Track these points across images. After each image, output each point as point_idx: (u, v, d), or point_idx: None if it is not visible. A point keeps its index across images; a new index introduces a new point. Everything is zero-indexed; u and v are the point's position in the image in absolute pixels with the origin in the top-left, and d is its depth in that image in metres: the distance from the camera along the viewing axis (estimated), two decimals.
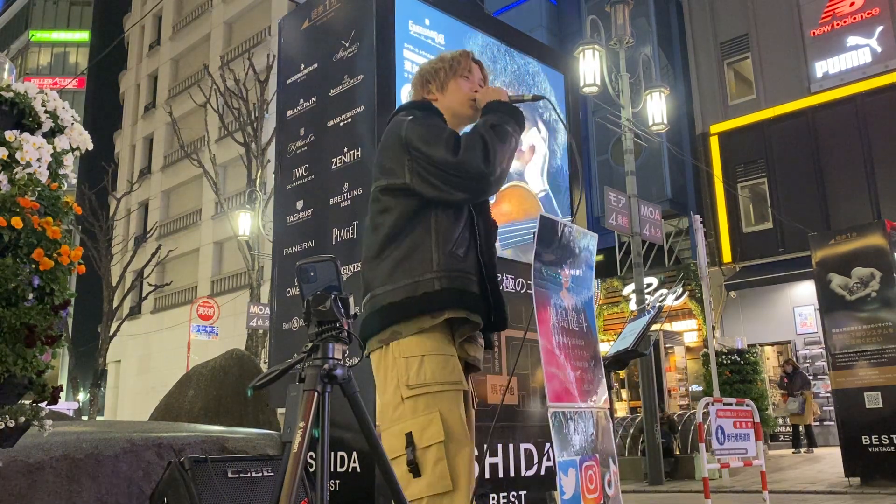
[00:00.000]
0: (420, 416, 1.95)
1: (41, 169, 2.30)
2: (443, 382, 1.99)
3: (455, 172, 2.03)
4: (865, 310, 7.81)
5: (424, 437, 1.93)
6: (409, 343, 2.02)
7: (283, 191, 4.44)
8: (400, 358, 2.01)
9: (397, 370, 2.01)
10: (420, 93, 2.35)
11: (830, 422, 14.27)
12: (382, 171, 2.14)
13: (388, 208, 2.11)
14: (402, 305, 2.03)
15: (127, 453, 3.23)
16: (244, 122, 18.53)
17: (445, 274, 2.05)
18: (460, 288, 2.06)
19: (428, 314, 2.02)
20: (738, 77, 17.96)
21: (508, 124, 2.14)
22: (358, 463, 3.60)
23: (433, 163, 2.04)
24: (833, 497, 7.08)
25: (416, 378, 1.98)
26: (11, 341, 2.09)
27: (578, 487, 2.82)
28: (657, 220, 11.02)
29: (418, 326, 2.02)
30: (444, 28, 4.43)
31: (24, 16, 47.84)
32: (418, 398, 1.97)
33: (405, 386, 1.98)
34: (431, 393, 1.97)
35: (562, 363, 2.96)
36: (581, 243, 3.25)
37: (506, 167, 2.11)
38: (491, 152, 2.03)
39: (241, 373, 6.25)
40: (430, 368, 1.99)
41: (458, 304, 2.05)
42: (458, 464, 1.95)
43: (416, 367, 1.99)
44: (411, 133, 2.09)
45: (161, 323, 28.82)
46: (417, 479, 1.91)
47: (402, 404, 1.98)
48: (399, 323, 2.03)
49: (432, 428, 1.94)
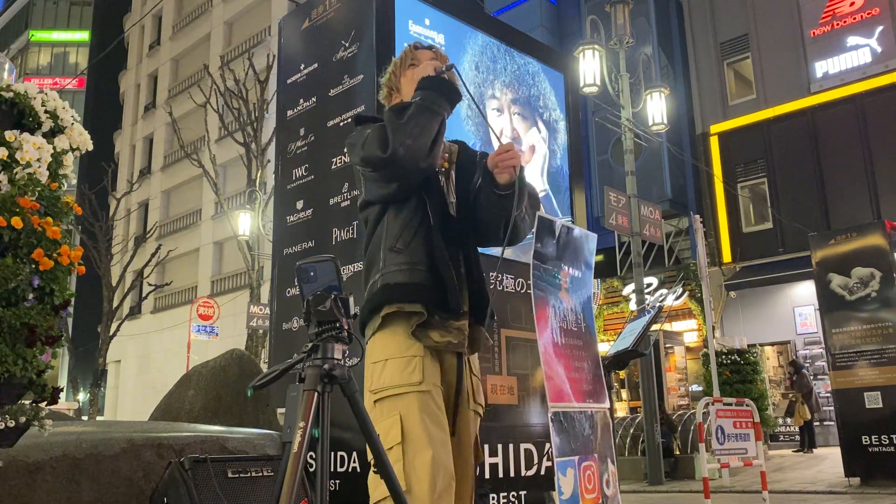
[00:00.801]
0: (384, 418, 2.02)
1: (41, 169, 2.30)
2: (401, 385, 2.04)
3: (368, 169, 2.12)
4: (865, 310, 7.81)
5: (387, 440, 1.99)
6: (373, 348, 2.12)
7: (283, 191, 4.44)
8: (369, 363, 2.11)
9: (368, 375, 2.11)
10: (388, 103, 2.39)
11: (830, 422, 14.27)
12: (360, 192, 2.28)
13: (364, 221, 2.26)
14: (363, 311, 2.15)
15: (127, 453, 3.23)
16: (244, 122, 18.53)
17: (385, 272, 2.13)
18: (395, 282, 2.11)
19: (374, 314, 2.12)
20: (738, 77, 17.96)
21: (426, 98, 2.13)
22: (358, 463, 3.61)
23: (360, 168, 2.16)
24: (833, 497, 7.08)
25: (378, 382, 2.07)
26: (11, 341, 2.09)
27: (577, 487, 2.82)
28: (657, 220, 11.02)
29: (371, 329, 2.13)
30: (444, 28, 4.43)
31: (24, 16, 47.82)
32: (382, 402, 2.05)
33: (369, 391, 2.08)
34: (391, 396, 2.04)
35: (560, 363, 2.96)
36: (580, 243, 3.25)
37: (418, 142, 2.06)
38: (388, 136, 2.06)
39: (241, 373, 6.24)
40: (390, 372, 2.06)
41: (391, 298, 2.10)
42: (416, 465, 1.97)
43: (378, 371, 2.08)
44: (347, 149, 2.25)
45: (161, 323, 28.81)
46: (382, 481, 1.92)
47: (374, 408, 2.06)
48: (364, 328, 2.17)
49: (392, 430, 2.00)
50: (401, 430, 1.99)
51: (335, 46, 4.25)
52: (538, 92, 4.97)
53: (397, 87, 2.36)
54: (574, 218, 5.01)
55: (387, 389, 2.04)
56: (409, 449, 1.98)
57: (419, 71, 2.26)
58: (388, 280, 2.11)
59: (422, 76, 2.21)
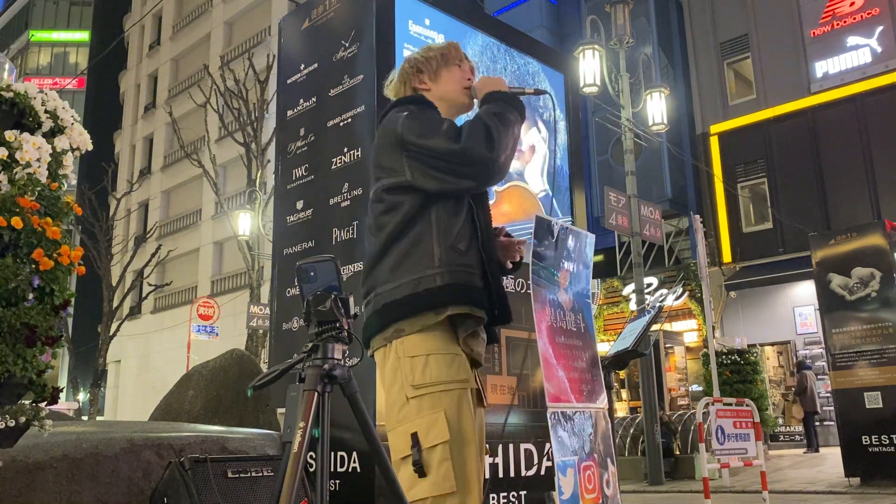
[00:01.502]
0: (425, 415, 1.92)
1: (41, 169, 2.30)
2: (448, 381, 1.96)
3: (459, 160, 2.00)
4: (865, 310, 7.81)
5: (429, 437, 1.90)
6: (413, 341, 1.98)
7: (283, 191, 4.44)
8: (405, 357, 1.98)
9: (402, 370, 1.98)
10: (411, 82, 2.30)
11: (830, 422, 14.27)
12: (382, 171, 2.11)
13: (392, 208, 2.07)
14: (405, 302, 2.00)
15: (127, 453, 3.23)
16: (244, 122, 18.53)
17: (447, 269, 2.02)
18: (463, 283, 2.03)
19: (431, 311, 1.99)
20: (738, 77, 17.96)
21: (510, 112, 2.11)
22: (358, 463, 3.61)
23: (435, 154, 2.01)
24: (833, 497, 7.08)
25: (421, 378, 1.95)
26: (11, 341, 2.09)
27: (577, 487, 2.82)
28: (657, 220, 11.01)
29: (421, 324, 1.99)
30: (444, 28, 4.43)
31: (24, 16, 47.83)
32: (423, 398, 1.94)
33: (410, 386, 1.96)
34: (436, 392, 1.94)
35: (560, 363, 2.96)
36: (578, 243, 3.25)
37: (510, 154, 2.07)
38: (494, 138, 2.00)
39: (241, 373, 6.24)
40: (436, 367, 1.96)
41: (460, 299, 2.02)
42: (464, 464, 1.92)
43: (420, 366, 1.96)
44: (407, 129, 2.06)
45: (161, 323, 28.81)
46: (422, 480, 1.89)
47: (407, 404, 1.95)
48: (402, 320, 2.00)
49: (437, 428, 1.91)
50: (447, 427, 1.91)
51: (335, 46, 4.25)
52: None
53: (433, 74, 2.27)
54: (574, 218, 5.01)
55: (432, 385, 1.94)
56: (456, 448, 1.91)
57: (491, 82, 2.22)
58: (456, 280, 2.02)
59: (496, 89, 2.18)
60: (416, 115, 2.11)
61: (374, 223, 2.12)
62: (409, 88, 2.30)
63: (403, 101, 2.23)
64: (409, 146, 2.04)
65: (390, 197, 2.08)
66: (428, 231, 2.05)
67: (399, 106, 2.20)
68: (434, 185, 2.03)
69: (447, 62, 2.29)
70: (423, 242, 2.04)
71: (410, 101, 2.22)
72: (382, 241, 2.08)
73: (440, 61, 2.29)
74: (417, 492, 1.89)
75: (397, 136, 2.07)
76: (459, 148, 1.99)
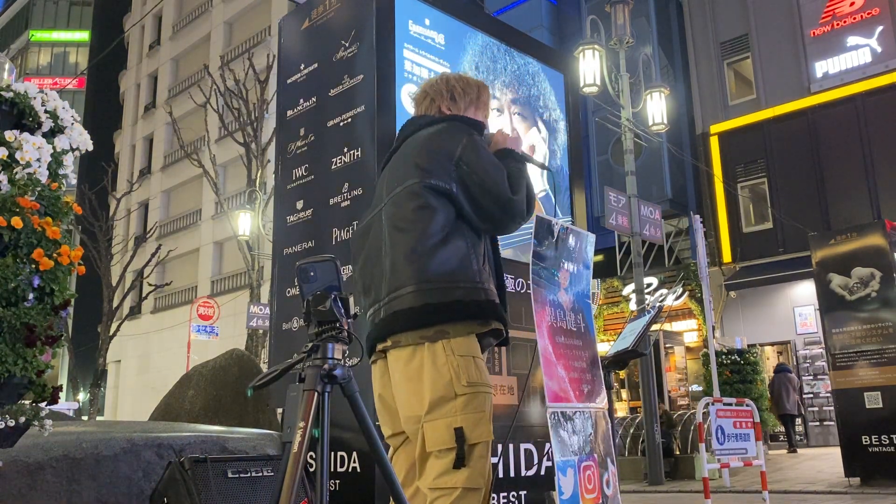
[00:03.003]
0: (472, 413, 2.03)
1: (41, 169, 2.30)
2: (488, 385, 2.11)
3: (508, 209, 2.18)
4: (865, 310, 7.81)
5: (475, 434, 2.02)
6: (461, 343, 2.09)
7: (283, 191, 4.44)
8: (455, 356, 2.07)
9: (451, 366, 2.06)
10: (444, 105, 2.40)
11: (830, 422, 14.27)
12: (424, 171, 2.19)
13: (430, 207, 2.14)
14: (453, 307, 2.08)
15: (127, 453, 3.23)
16: (244, 122, 18.53)
17: (485, 286, 2.16)
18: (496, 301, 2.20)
19: (476, 320, 2.12)
20: (738, 77, 17.96)
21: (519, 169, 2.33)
22: (358, 463, 3.61)
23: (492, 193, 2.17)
24: (833, 497, 7.08)
25: (475, 376, 2.07)
26: (11, 341, 2.09)
27: (577, 487, 2.82)
28: (657, 220, 11.01)
29: (468, 330, 2.11)
30: (444, 28, 4.43)
31: (24, 16, 47.82)
32: (474, 396, 2.05)
33: (463, 383, 2.05)
34: (484, 393, 2.08)
35: (560, 363, 2.96)
36: (578, 243, 3.25)
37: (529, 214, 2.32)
38: (529, 198, 2.23)
39: (241, 373, 6.25)
40: (483, 370, 2.11)
41: (500, 316, 2.18)
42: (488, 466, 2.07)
43: (472, 366, 2.08)
44: (472, 155, 2.20)
45: (161, 323, 28.81)
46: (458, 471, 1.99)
47: (455, 400, 2.04)
48: (447, 323, 2.08)
49: (482, 426, 2.04)
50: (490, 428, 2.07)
51: (335, 46, 4.25)
52: (538, 92, 4.97)
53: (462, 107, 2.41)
54: (574, 218, 5.01)
55: (481, 385, 2.08)
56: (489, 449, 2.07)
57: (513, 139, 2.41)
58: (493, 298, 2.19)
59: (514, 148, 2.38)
60: (480, 145, 2.26)
61: (412, 214, 2.15)
62: (436, 108, 2.41)
63: (461, 119, 2.36)
64: (464, 167, 2.18)
65: (430, 196, 2.15)
66: (466, 246, 2.17)
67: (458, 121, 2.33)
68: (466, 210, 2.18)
69: (477, 106, 2.45)
70: (465, 256, 2.16)
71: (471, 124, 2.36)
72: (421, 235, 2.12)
73: (473, 100, 2.45)
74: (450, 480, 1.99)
75: (456, 154, 2.20)
76: (512, 199, 2.18)
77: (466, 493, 1.97)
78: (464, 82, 2.44)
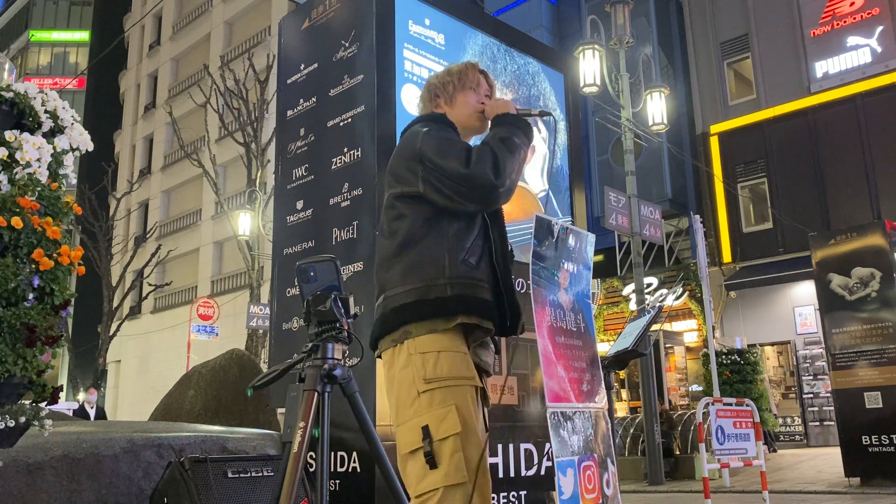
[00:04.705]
0: (436, 409, 1.99)
1: (41, 169, 2.30)
2: (458, 377, 2.04)
3: (466, 184, 2.09)
4: (865, 310, 7.81)
5: (441, 430, 1.97)
6: (424, 340, 2.07)
7: (283, 191, 4.44)
8: (416, 354, 2.05)
9: (413, 366, 2.05)
10: (429, 106, 2.41)
11: (830, 422, 14.27)
12: (397, 179, 2.20)
13: (403, 215, 2.17)
14: (414, 307, 2.08)
15: (127, 453, 3.23)
16: (244, 122, 18.53)
17: (457, 281, 2.11)
18: (471, 295, 2.12)
19: (441, 318, 2.08)
20: (738, 77, 17.96)
21: (517, 136, 2.22)
22: (358, 463, 3.61)
23: (446, 174, 2.10)
24: (833, 497, 7.08)
25: (432, 372, 2.03)
26: (11, 341, 2.09)
27: (577, 487, 2.82)
28: (657, 220, 11.01)
29: (430, 328, 2.07)
30: (444, 28, 4.43)
31: (24, 16, 47.82)
32: (434, 392, 2.01)
33: (422, 380, 2.02)
34: (447, 387, 2.02)
35: (560, 363, 2.96)
36: (578, 243, 3.25)
37: (515, 178, 2.17)
38: (500, 164, 2.10)
39: (241, 373, 6.24)
40: (447, 363, 2.04)
41: (469, 310, 2.11)
42: (474, 456, 1.99)
43: (432, 361, 2.04)
44: (425, 145, 2.16)
45: (161, 323, 28.81)
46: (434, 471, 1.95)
47: (419, 398, 2.02)
48: (411, 323, 2.08)
49: (449, 420, 1.98)
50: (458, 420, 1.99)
51: (335, 46, 4.25)
52: (538, 92, 4.97)
53: (451, 99, 2.37)
54: (574, 218, 5.01)
55: (443, 380, 2.02)
56: (466, 441, 1.99)
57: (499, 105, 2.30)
58: (466, 292, 2.11)
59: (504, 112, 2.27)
60: (434, 132, 2.21)
61: (387, 228, 2.21)
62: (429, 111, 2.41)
63: (426, 118, 2.33)
64: (426, 161, 2.14)
65: (402, 205, 2.18)
66: (439, 242, 2.14)
67: (421, 122, 2.31)
68: (441, 201, 2.13)
69: (463, 86, 2.38)
70: (435, 252, 2.13)
71: (432, 118, 2.32)
72: (394, 245, 2.16)
73: (457, 85, 2.38)
74: (429, 483, 1.95)
75: (416, 150, 2.17)
76: (468, 172, 2.08)
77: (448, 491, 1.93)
78: (441, 76, 2.42)
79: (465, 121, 2.36)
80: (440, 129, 2.24)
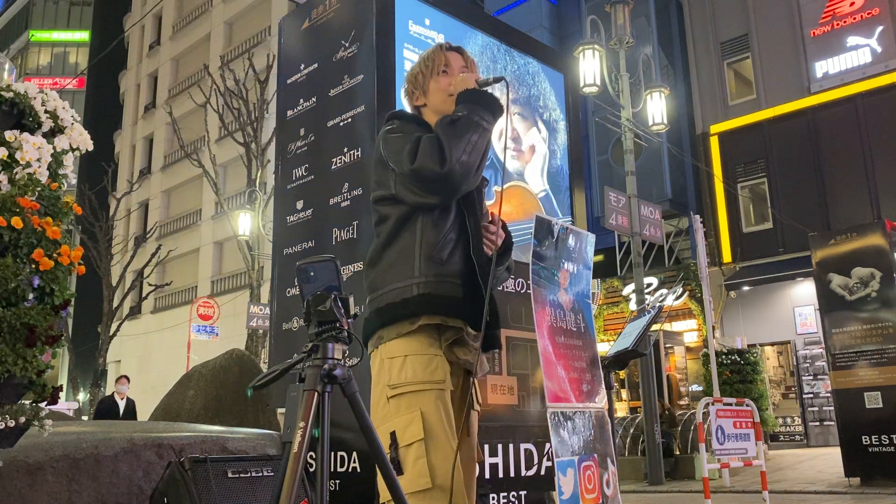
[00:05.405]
0: (402, 414, 1.99)
1: (41, 169, 2.30)
2: (424, 381, 2.02)
3: (414, 180, 2.07)
4: (865, 310, 7.81)
5: (406, 435, 1.97)
6: (392, 345, 2.08)
7: (283, 191, 4.44)
8: (385, 359, 2.07)
9: (383, 371, 2.07)
10: (410, 101, 2.39)
11: (830, 422, 14.27)
12: (376, 184, 2.22)
13: (383, 217, 2.18)
14: (385, 311, 2.10)
15: (127, 453, 3.23)
16: (244, 122, 18.53)
17: (425, 280, 2.09)
18: (438, 293, 2.09)
19: (406, 319, 2.07)
20: (738, 77, 17.96)
21: (475, 113, 2.13)
22: (358, 463, 3.61)
23: (403, 172, 2.10)
24: (833, 497, 7.08)
25: (397, 378, 2.03)
26: (11, 341, 2.09)
27: (577, 487, 2.82)
28: (657, 220, 11.01)
29: (397, 331, 2.07)
30: (444, 28, 4.43)
31: (24, 16, 47.83)
32: (401, 397, 2.01)
33: (388, 386, 2.04)
34: (413, 392, 2.01)
35: (560, 363, 2.96)
36: (578, 243, 3.25)
37: (471, 158, 2.08)
38: (446, 150, 2.03)
39: (241, 373, 6.25)
40: (412, 368, 2.03)
41: (434, 309, 2.08)
42: (440, 462, 1.96)
43: (398, 367, 2.04)
44: (386, 147, 2.17)
45: (161, 323, 28.81)
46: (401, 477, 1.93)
47: (388, 404, 2.03)
48: (383, 328, 2.10)
49: (413, 426, 1.97)
50: (423, 426, 1.97)
51: (335, 46, 4.25)
52: (538, 92, 4.97)
53: (424, 89, 2.32)
54: (574, 218, 5.01)
55: (408, 385, 2.01)
56: (431, 446, 1.97)
57: (459, 82, 2.23)
58: (430, 290, 2.08)
59: (464, 88, 2.19)
60: (392, 132, 2.19)
61: (374, 231, 2.23)
62: (412, 107, 2.38)
63: (389, 117, 2.31)
64: (389, 162, 2.15)
65: (380, 208, 2.20)
66: (412, 241, 2.13)
67: (387, 121, 2.29)
68: (410, 198, 2.12)
69: (432, 72, 2.33)
70: (408, 253, 2.12)
71: (394, 115, 2.30)
72: (376, 248, 2.19)
73: (426, 74, 2.33)
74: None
75: (380, 152, 2.19)
76: (413, 168, 2.05)
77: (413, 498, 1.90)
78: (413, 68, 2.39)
79: (440, 107, 2.28)
80: (399, 125, 2.22)
